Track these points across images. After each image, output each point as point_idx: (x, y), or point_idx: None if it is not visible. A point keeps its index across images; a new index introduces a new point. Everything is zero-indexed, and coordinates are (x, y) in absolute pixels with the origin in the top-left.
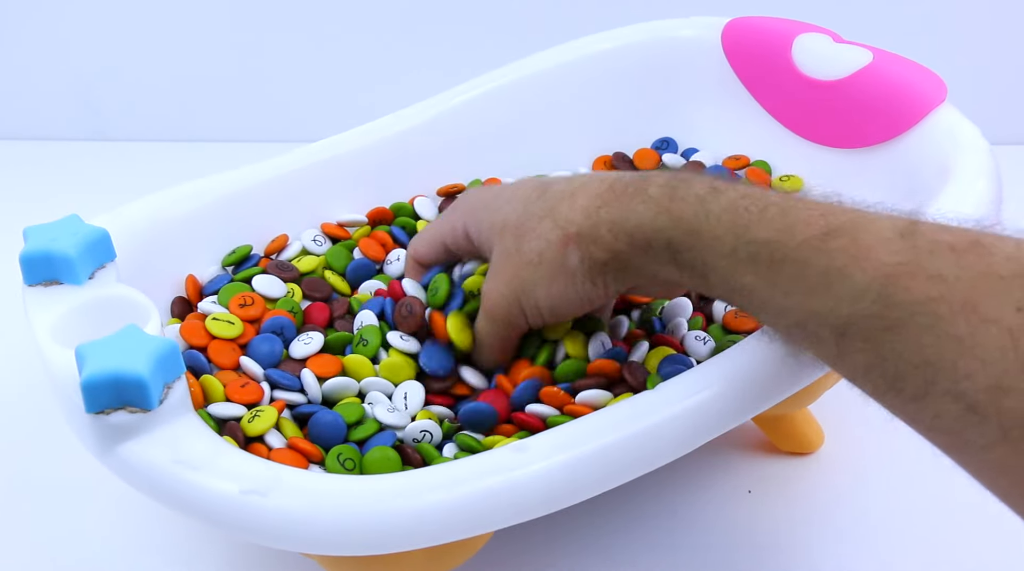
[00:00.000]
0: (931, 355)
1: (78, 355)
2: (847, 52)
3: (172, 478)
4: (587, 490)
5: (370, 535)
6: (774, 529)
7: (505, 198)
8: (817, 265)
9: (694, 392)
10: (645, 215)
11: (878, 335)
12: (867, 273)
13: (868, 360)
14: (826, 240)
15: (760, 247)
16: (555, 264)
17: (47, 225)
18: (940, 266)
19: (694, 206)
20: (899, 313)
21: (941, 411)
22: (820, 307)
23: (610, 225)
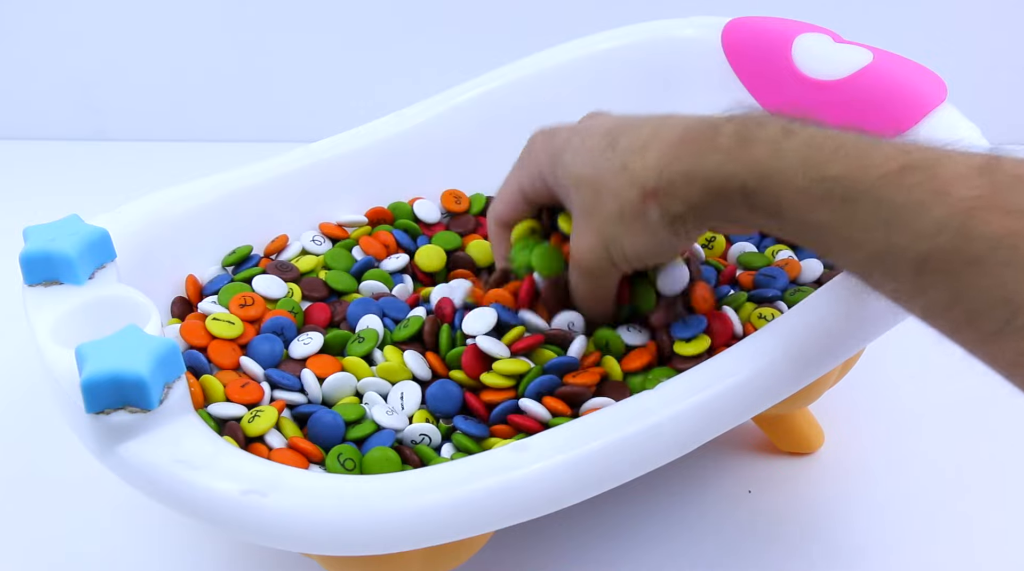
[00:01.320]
0: (1011, 290)
1: (78, 355)
2: (847, 52)
3: (172, 478)
4: (587, 490)
5: (370, 535)
6: (774, 529)
7: (574, 148)
8: (894, 200)
9: (694, 392)
10: (717, 163)
11: (957, 270)
12: (946, 207)
13: (946, 296)
14: (903, 175)
15: (834, 183)
16: (636, 219)
17: (47, 225)
18: (1020, 200)
19: (766, 148)
20: (979, 247)
21: (1019, 346)
22: (898, 241)
23: (684, 177)
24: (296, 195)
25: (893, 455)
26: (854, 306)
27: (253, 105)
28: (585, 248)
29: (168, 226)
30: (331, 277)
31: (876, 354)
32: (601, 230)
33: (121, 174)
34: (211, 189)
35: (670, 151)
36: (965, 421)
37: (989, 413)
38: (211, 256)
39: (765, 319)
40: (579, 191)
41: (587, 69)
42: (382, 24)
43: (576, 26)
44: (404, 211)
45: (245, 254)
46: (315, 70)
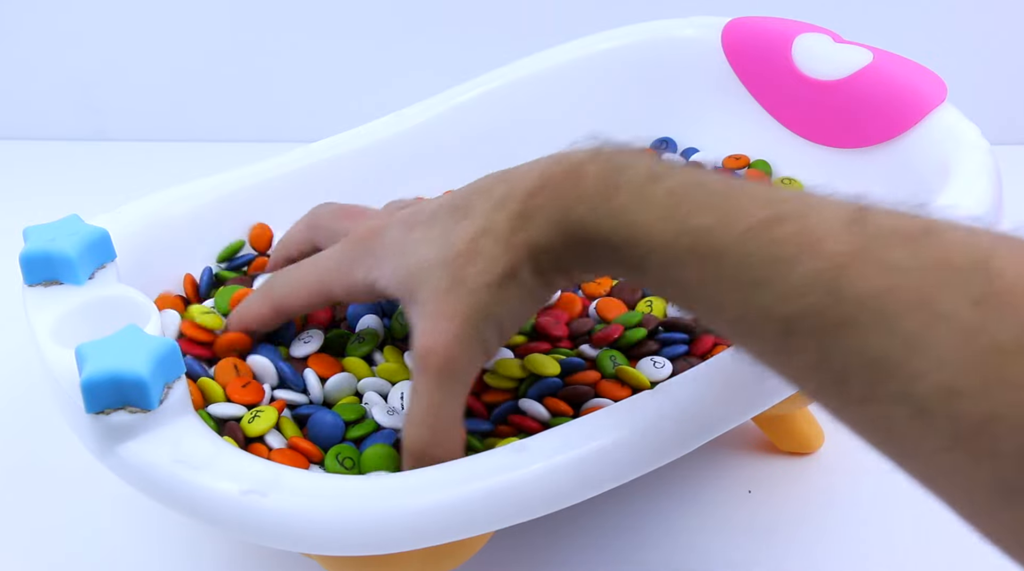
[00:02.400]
0: (881, 353)
1: (78, 355)
2: (847, 52)
3: (172, 478)
4: (587, 490)
5: (370, 535)
6: (774, 529)
7: (417, 237)
8: (762, 255)
9: (694, 392)
10: (581, 215)
11: (826, 331)
12: (815, 263)
13: (814, 358)
14: (771, 228)
15: (700, 236)
16: (509, 282)
17: (47, 225)
18: (892, 256)
19: (630, 195)
20: (849, 308)
21: (889, 414)
22: (764, 301)
23: (549, 230)
24: (296, 195)
25: None
26: None
27: (253, 105)
28: (446, 338)
29: (168, 226)
30: None
31: None
32: (468, 307)
33: (121, 174)
34: (211, 189)
35: (531, 202)
36: None
37: None
38: (211, 256)
39: None
40: (429, 277)
41: (587, 69)
42: (382, 24)
43: (576, 26)
44: None
45: (236, 249)
46: (315, 70)
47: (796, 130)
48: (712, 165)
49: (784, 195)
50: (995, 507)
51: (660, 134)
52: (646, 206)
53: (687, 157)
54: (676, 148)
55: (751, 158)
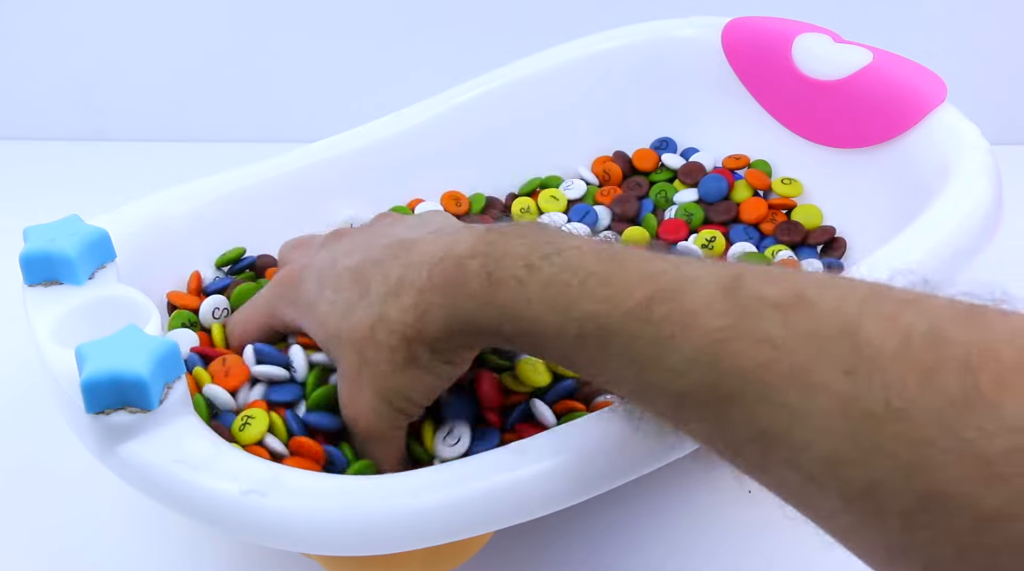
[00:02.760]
0: (766, 426)
1: (78, 355)
2: (847, 52)
3: (172, 478)
4: (587, 490)
5: (370, 535)
6: (774, 529)
7: (328, 301)
8: (645, 336)
9: None
10: (471, 310)
11: (713, 406)
12: (695, 341)
13: (707, 429)
14: (651, 308)
15: (585, 322)
16: (410, 365)
17: (47, 225)
18: (766, 328)
19: (514, 290)
20: (730, 382)
21: (783, 480)
22: (654, 379)
23: (443, 322)
24: (296, 195)
25: None
26: None
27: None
28: (365, 410)
29: (168, 226)
30: None
31: None
32: (377, 387)
33: (121, 174)
34: (211, 189)
35: (422, 298)
36: None
37: None
38: (211, 256)
39: None
40: (340, 348)
41: (587, 69)
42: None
43: (576, 26)
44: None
45: (238, 256)
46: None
47: (796, 130)
48: (712, 165)
49: (660, 268)
50: (892, 564)
51: (660, 134)
52: (530, 300)
53: (687, 157)
54: (676, 148)
55: (751, 158)
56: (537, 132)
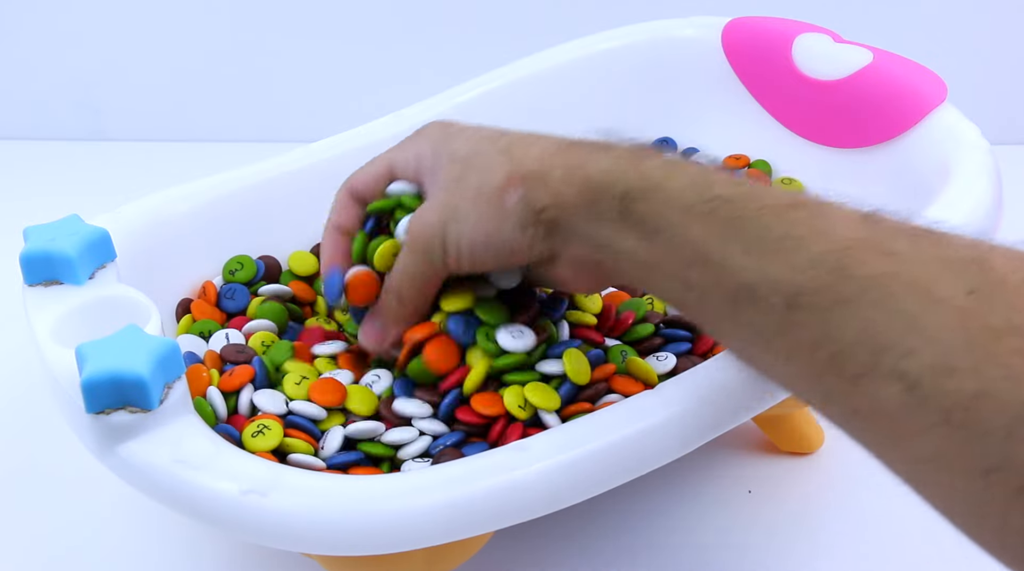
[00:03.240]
0: (878, 331)
1: (78, 355)
2: (847, 52)
3: (172, 478)
4: (587, 490)
5: (370, 535)
6: (774, 529)
7: (467, 135)
8: (777, 230)
9: (694, 392)
10: (607, 164)
11: (828, 307)
12: (825, 244)
13: (813, 335)
14: (789, 211)
15: (722, 203)
16: (492, 200)
17: (47, 225)
18: (896, 245)
19: (660, 164)
20: (852, 287)
21: (880, 392)
22: (773, 271)
23: (565, 168)
24: (297, 195)
25: None
26: None
27: (253, 105)
28: (424, 221)
29: (168, 226)
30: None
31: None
32: (449, 204)
33: (121, 174)
34: (211, 189)
35: (559, 149)
36: None
37: None
38: (211, 256)
39: None
40: (451, 166)
41: (587, 69)
42: (382, 24)
43: (576, 26)
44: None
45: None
46: (315, 70)
47: (796, 130)
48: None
49: (806, 196)
50: (973, 490)
51: (660, 134)
52: (673, 173)
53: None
54: (676, 148)
55: (751, 158)
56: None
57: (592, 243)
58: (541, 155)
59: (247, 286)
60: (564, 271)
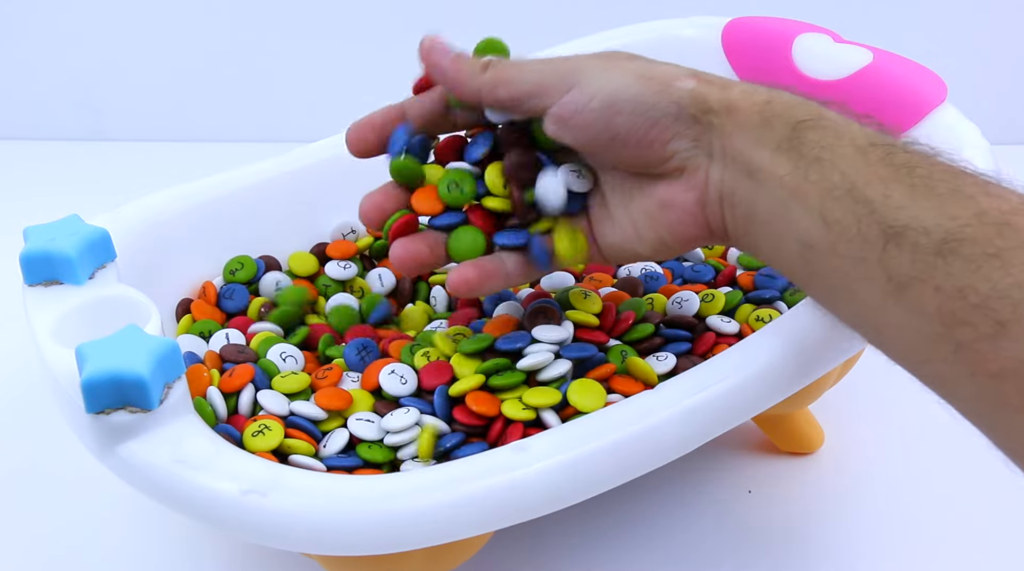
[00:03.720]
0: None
1: (78, 355)
2: (847, 52)
3: (172, 478)
4: (587, 490)
5: (370, 535)
6: (774, 529)
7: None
8: (947, 183)
9: (694, 392)
10: (788, 97)
11: (981, 260)
12: (992, 203)
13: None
14: (960, 175)
15: (897, 151)
16: (657, 77)
17: (47, 225)
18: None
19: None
20: (1012, 243)
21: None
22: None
23: (745, 90)
24: (296, 195)
25: (893, 455)
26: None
27: (253, 105)
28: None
29: (168, 226)
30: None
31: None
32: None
33: (121, 174)
34: (211, 189)
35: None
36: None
37: None
38: (211, 256)
39: (763, 321)
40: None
41: None
42: (382, 24)
43: (576, 26)
44: None
45: (252, 273)
46: (315, 70)
47: None
48: None
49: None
50: None
51: None
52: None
53: None
54: None
55: None
56: None
57: (741, 165)
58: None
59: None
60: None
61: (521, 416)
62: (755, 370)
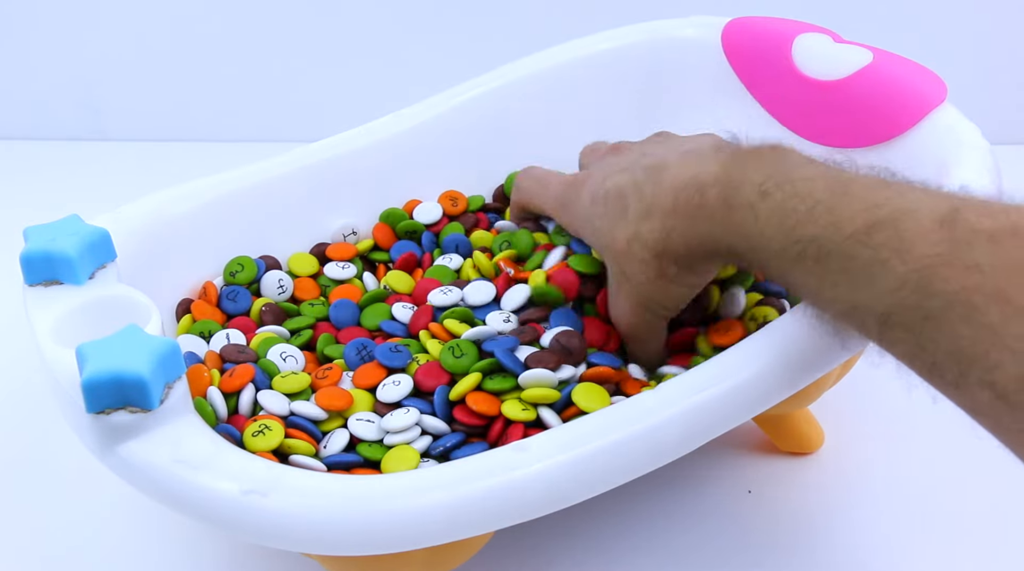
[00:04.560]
0: (966, 345)
1: (79, 355)
2: (847, 52)
3: (172, 478)
4: (587, 490)
5: (370, 535)
6: (774, 529)
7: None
8: (861, 258)
9: (694, 392)
10: (707, 230)
11: (917, 325)
12: (907, 265)
13: (909, 349)
14: (870, 234)
15: (807, 244)
16: (660, 277)
17: (47, 225)
18: (977, 256)
19: (746, 214)
20: (936, 303)
21: (976, 398)
22: (864, 298)
23: (683, 242)
24: (297, 195)
25: (893, 455)
26: None
27: (253, 105)
28: (628, 314)
29: (169, 226)
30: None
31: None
32: (638, 295)
33: (121, 174)
34: (211, 189)
35: (668, 220)
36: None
37: None
38: (212, 256)
39: (756, 321)
40: (609, 261)
41: (587, 69)
42: (382, 24)
43: (576, 26)
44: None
45: (252, 274)
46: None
47: (796, 130)
48: None
49: (883, 197)
50: None
51: None
52: (759, 222)
53: None
54: None
55: None
56: (537, 132)
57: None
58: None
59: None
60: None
61: (521, 416)
62: (756, 370)
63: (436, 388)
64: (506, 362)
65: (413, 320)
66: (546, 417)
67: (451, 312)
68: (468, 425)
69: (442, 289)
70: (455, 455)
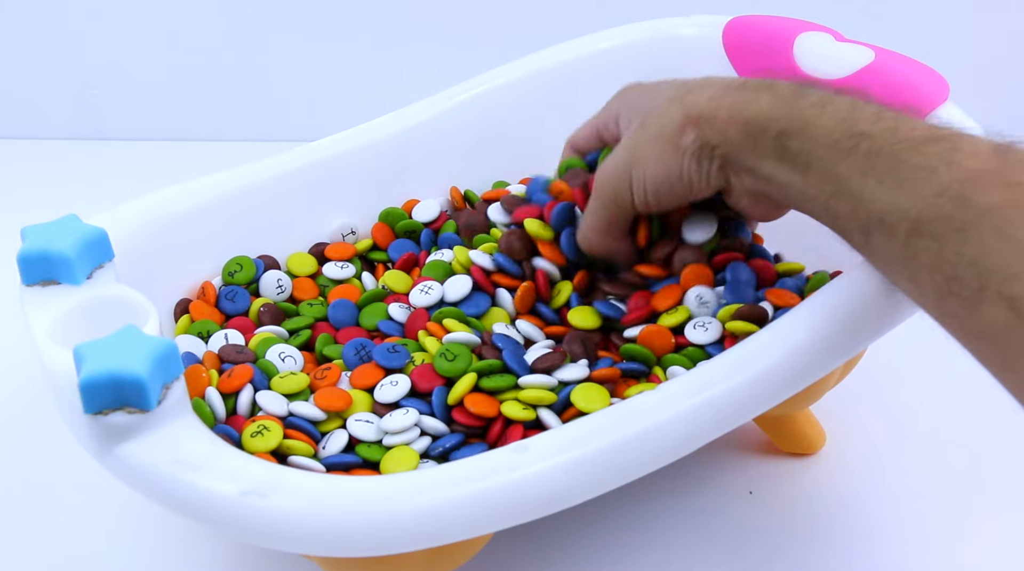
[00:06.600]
0: (989, 255)
1: (76, 355)
2: (849, 51)
3: (171, 479)
4: (588, 491)
5: (370, 536)
6: (775, 530)
7: (651, 90)
8: (911, 162)
9: (695, 392)
10: (765, 104)
11: (947, 235)
12: (952, 174)
13: (931, 260)
14: (926, 143)
15: (863, 139)
16: (671, 141)
17: (45, 225)
18: (1018, 176)
19: (814, 102)
20: (971, 214)
21: (990, 316)
22: (903, 201)
23: (730, 110)
24: (295, 195)
25: (895, 456)
26: (849, 313)
27: (253, 105)
28: (610, 168)
29: (167, 226)
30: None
31: (878, 354)
32: (632, 149)
33: (120, 174)
34: (210, 189)
35: (726, 91)
36: (967, 421)
37: (991, 413)
38: (210, 256)
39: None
40: (634, 120)
41: (587, 68)
42: (382, 24)
43: (576, 26)
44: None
45: (251, 274)
46: (315, 70)
47: None
48: None
49: (946, 128)
50: None
51: None
52: (825, 112)
53: None
54: None
55: None
56: (537, 131)
57: (758, 176)
58: (711, 97)
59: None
60: (741, 200)
61: (521, 416)
62: (756, 371)
63: (434, 389)
64: (511, 364)
65: (409, 321)
66: (546, 417)
67: (444, 311)
68: (467, 426)
69: (421, 287)
70: (454, 456)
